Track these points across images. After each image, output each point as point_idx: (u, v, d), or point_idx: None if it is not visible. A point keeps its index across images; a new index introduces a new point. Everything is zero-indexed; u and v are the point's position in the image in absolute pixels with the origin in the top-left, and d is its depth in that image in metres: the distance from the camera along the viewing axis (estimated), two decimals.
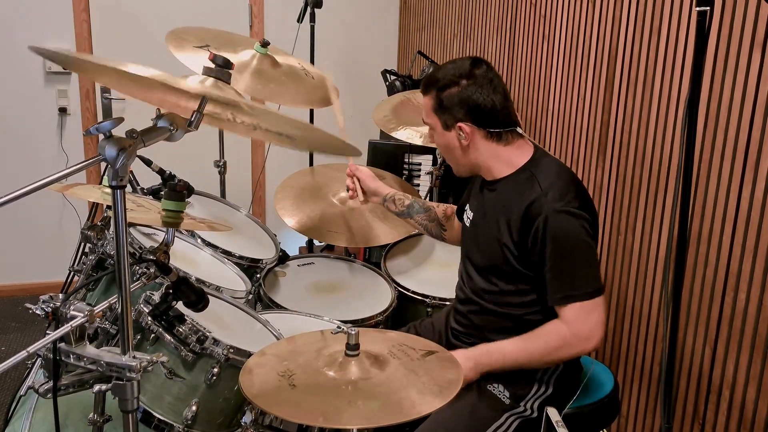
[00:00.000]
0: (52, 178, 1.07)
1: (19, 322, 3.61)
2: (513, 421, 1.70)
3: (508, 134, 1.73)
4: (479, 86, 1.69)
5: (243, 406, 1.70)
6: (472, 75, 1.70)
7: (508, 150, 1.73)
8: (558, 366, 1.74)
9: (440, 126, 1.76)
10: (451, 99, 1.71)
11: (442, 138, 1.78)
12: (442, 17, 3.78)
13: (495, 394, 1.72)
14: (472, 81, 1.69)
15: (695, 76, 1.36)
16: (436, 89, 1.73)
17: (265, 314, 2.10)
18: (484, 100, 1.69)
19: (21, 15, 3.68)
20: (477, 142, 1.72)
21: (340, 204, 2.54)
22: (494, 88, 1.70)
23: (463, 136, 1.72)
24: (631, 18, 2.19)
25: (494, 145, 1.73)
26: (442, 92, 1.72)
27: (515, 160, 1.73)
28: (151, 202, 1.77)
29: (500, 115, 1.71)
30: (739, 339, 1.80)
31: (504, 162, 1.73)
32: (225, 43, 2.51)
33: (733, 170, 1.80)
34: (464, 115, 1.70)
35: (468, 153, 1.75)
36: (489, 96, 1.69)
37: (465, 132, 1.71)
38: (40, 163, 3.82)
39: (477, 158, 1.75)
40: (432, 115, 1.77)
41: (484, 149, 1.73)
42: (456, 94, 1.70)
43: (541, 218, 1.61)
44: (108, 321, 1.45)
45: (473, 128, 1.71)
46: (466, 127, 1.71)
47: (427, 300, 2.35)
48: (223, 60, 1.21)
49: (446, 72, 1.73)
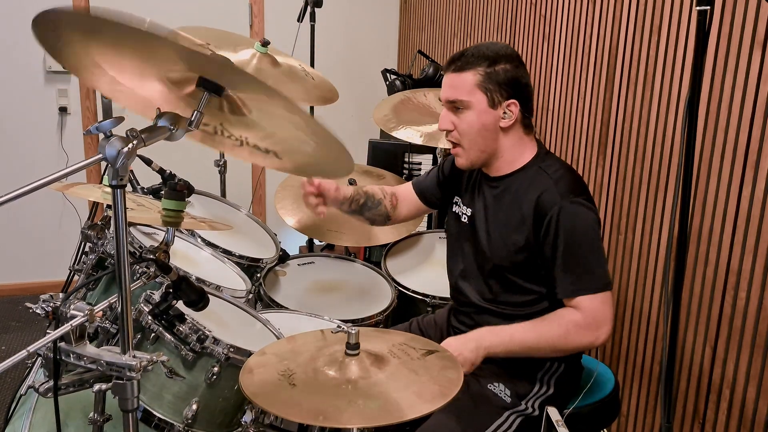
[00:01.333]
0: (53, 177, 1.07)
1: (20, 322, 3.61)
2: (515, 419, 1.69)
3: (532, 123, 1.74)
4: (524, 69, 1.70)
5: (243, 406, 1.70)
6: (519, 57, 1.70)
7: (526, 141, 1.73)
8: (559, 366, 1.74)
9: (486, 102, 1.66)
10: (505, 75, 1.66)
11: (481, 116, 1.67)
12: (442, 17, 3.78)
13: (496, 393, 1.71)
14: (519, 62, 1.69)
15: (695, 76, 1.36)
16: (487, 63, 1.65)
17: (265, 313, 2.11)
18: (529, 83, 1.70)
19: (21, 15, 3.68)
20: (515, 125, 1.70)
21: None
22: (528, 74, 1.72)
23: (509, 115, 1.67)
24: (631, 18, 2.19)
25: (521, 132, 1.72)
26: (495, 66, 1.65)
27: (525, 152, 1.73)
28: (151, 202, 1.77)
29: (532, 103, 1.73)
30: (739, 338, 1.80)
31: (517, 152, 1.72)
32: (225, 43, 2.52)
33: (733, 169, 1.80)
34: (514, 94, 1.67)
35: (501, 137, 1.70)
36: (530, 81, 1.71)
37: (512, 111, 1.67)
38: (40, 162, 3.82)
39: (503, 144, 1.71)
40: (476, 91, 1.66)
41: (514, 135, 1.71)
42: (511, 70, 1.66)
43: (555, 209, 1.60)
44: (108, 320, 1.45)
45: (519, 109, 1.68)
46: (515, 106, 1.67)
47: (427, 299, 2.35)
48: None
49: (496, 49, 1.67)
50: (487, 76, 1.65)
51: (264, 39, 2.51)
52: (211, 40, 2.47)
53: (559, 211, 1.60)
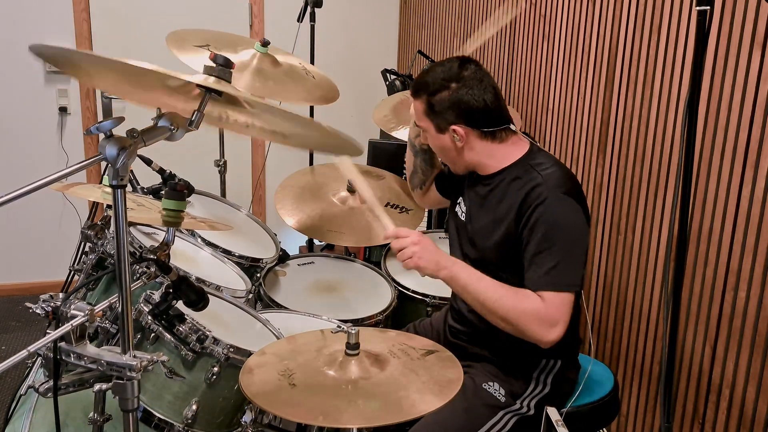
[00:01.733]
0: (53, 177, 1.07)
1: (20, 322, 3.62)
2: (509, 419, 1.69)
3: (502, 132, 1.73)
4: (469, 87, 1.68)
5: (243, 406, 1.70)
6: (461, 77, 1.69)
7: (503, 147, 1.73)
8: (555, 364, 1.74)
9: (433, 129, 1.75)
10: (442, 103, 1.70)
11: (436, 140, 1.77)
12: (442, 16, 3.78)
13: (490, 392, 1.71)
14: (461, 83, 1.68)
15: (695, 76, 1.36)
16: (426, 94, 1.72)
17: (265, 313, 2.11)
18: (476, 101, 1.68)
19: (21, 15, 3.68)
20: (471, 142, 1.72)
21: (340, 203, 2.54)
22: (485, 87, 1.69)
23: (458, 138, 1.71)
24: (631, 17, 2.19)
25: (489, 143, 1.72)
26: (433, 97, 1.71)
27: (511, 155, 1.73)
28: (151, 202, 1.77)
29: (493, 114, 1.71)
30: (739, 338, 1.80)
31: (500, 159, 1.73)
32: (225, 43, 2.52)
33: (733, 169, 1.80)
34: (456, 118, 1.69)
35: (463, 153, 1.75)
36: (480, 96, 1.68)
37: (459, 134, 1.70)
38: (40, 162, 3.82)
39: (472, 158, 1.75)
40: (424, 119, 1.76)
41: (479, 148, 1.73)
42: (447, 98, 1.69)
43: (540, 201, 1.60)
44: (108, 320, 1.45)
45: (467, 129, 1.70)
46: (460, 129, 1.70)
47: (427, 299, 2.35)
48: (224, 59, 1.21)
49: (435, 76, 1.72)
50: (429, 105, 1.72)
51: (264, 39, 2.50)
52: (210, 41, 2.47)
53: (544, 201, 1.60)
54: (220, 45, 2.48)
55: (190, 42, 2.40)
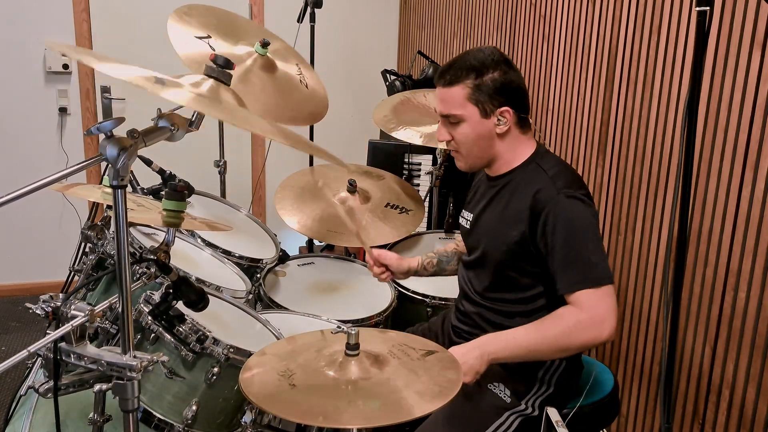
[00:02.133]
0: (52, 178, 1.07)
1: (20, 322, 3.61)
2: (514, 420, 1.69)
3: (527, 121, 1.74)
4: (515, 71, 1.70)
5: (243, 406, 1.70)
6: (507, 61, 1.70)
7: (523, 140, 1.73)
8: (560, 365, 1.74)
9: (478, 114, 1.68)
10: (494, 84, 1.66)
11: (476, 127, 1.69)
12: (442, 17, 3.78)
13: (496, 393, 1.71)
14: (509, 66, 1.69)
15: (695, 76, 1.36)
16: (473, 75, 1.66)
17: (265, 314, 2.11)
18: (520, 83, 1.70)
19: (21, 15, 3.68)
20: (511, 129, 1.70)
21: (340, 204, 2.53)
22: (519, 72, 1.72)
23: (504, 121, 1.68)
24: (631, 17, 2.19)
25: (519, 132, 1.72)
26: (482, 78, 1.66)
27: (523, 152, 1.73)
28: (151, 202, 1.77)
29: (528, 100, 1.73)
30: (739, 338, 1.80)
31: (516, 152, 1.73)
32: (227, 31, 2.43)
33: (733, 169, 1.80)
34: (506, 100, 1.67)
35: (498, 142, 1.71)
36: (522, 80, 1.70)
37: (506, 117, 1.68)
38: (40, 163, 3.82)
39: (502, 147, 1.72)
40: (467, 105, 1.68)
41: (511, 137, 1.71)
42: (499, 78, 1.66)
43: (551, 203, 1.60)
44: (108, 320, 1.45)
45: (512, 113, 1.69)
46: (508, 113, 1.68)
47: (426, 300, 2.35)
48: (224, 60, 1.21)
49: (482, 58, 1.67)
50: (476, 88, 1.66)
51: (264, 39, 2.48)
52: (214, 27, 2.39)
53: (556, 205, 1.60)
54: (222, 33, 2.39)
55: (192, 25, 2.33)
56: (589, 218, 1.62)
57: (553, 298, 1.66)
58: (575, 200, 1.61)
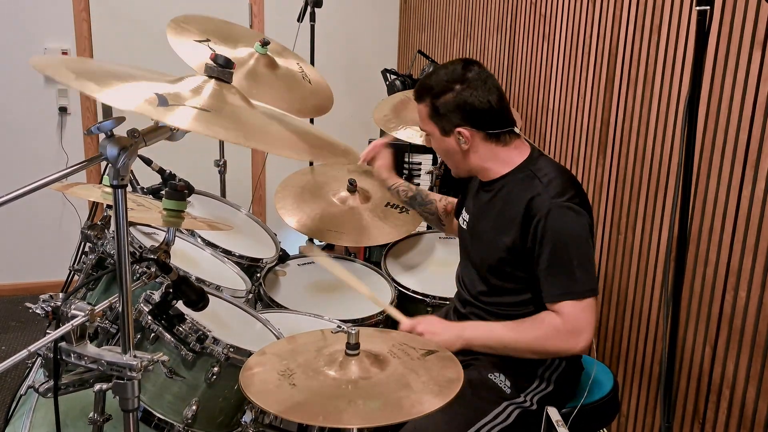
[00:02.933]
0: (53, 177, 1.07)
1: (20, 322, 3.61)
2: (513, 411, 1.70)
3: (506, 135, 1.72)
4: (474, 89, 1.68)
5: (243, 406, 1.70)
6: (465, 78, 1.69)
7: (506, 150, 1.73)
8: (561, 363, 1.74)
9: (438, 132, 1.75)
10: (447, 105, 1.70)
11: (441, 143, 1.77)
12: (442, 17, 3.78)
13: (496, 383, 1.72)
14: (465, 85, 1.68)
15: (695, 76, 1.36)
16: (430, 96, 1.72)
17: (265, 313, 2.11)
18: (480, 102, 1.68)
19: (21, 15, 3.68)
20: (476, 145, 1.72)
21: (340, 204, 2.54)
22: (489, 89, 1.69)
23: (463, 140, 1.71)
24: (631, 17, 2.19)
25: (493, 146, 1.72)
26: (437, 99, 1.71)
27: (513, 159, 1.73)
28: (151, 202, 1.77)
29: (497, 116, 1.70)
30: (739, 338, 1.80)
31: (502, 162, 1.73)
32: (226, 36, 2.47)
33: (733, 169, 1.80)
34: (462, 120, 1.69)
35: (467, 156, 1.74)
36: (484, 97, 1.68)
37: (464, 136, 1.70)
38: (40, 162, 3.82)
39: (476, 161, 1.74)
40: (429, 122, 1.75)
41: (483, 151, 1.73)
42: (452, 99, 1.69)
43: (543, 213, 1.61)
44: (108, 320, 1.45)
45: (472, 131, 1.70)
46: (465, 131, 1.70)
47: (427, 299, 2.35)
48: (225, 59, 1.20)
49: (439, 78, 1.71)
50: (433, 108, 1.72)
51: (264, 39, 2.49)
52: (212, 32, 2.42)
53: (548, 214, 1.60)
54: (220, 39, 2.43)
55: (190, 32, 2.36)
56: (579, 229, 1.62)
57: (541, 306, 1.68)
58: (566, 210, 1.61)
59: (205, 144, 3.26)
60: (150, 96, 1.04)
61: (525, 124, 2.88)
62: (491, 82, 1.70)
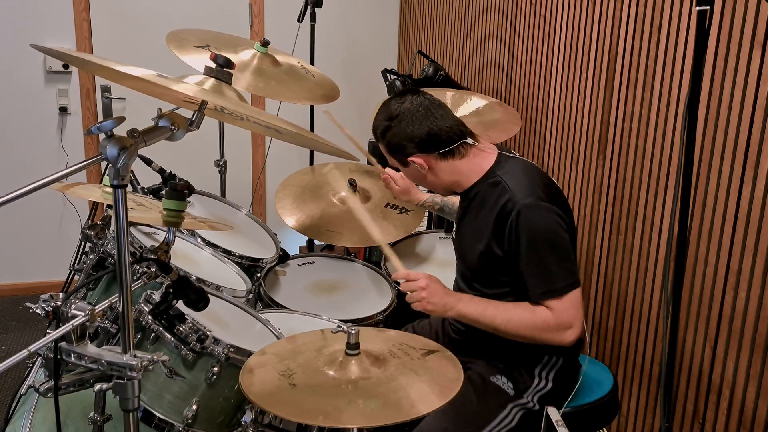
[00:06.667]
0: (53, 177, 1.07)
1: (20, 322, 3.62)
2: (517, 413, 1.73)
3: (460, 147, 1.76)
4: (408, 120, 1.74)
5: (243, 405, 1.70)
6: (398, 113, 1.76)
7: (467, 161, 1.77)
8: (557, 360, 1.76)
9: (400, 165, 1.83)
10: (392, 141, 1.78)
11: (407, 173, 1.87)
12: (442, 17, 3.78)
13: (499, 385, 1.74)
14: (399, 118, 1.75)
15: (695, 76, 1.37)
16: (380, 137, 1.81)
17: (266, 313, 2.11)
18: (419, 130, 1.74)
19: (21, 14, 3.68)
20: (435, 167, 1.77)
21: (340, 204, 2.54)
22: (425, 113, 1.74)
23: (419, 167, 1.77)
24: (631, 18, 2.19)
25: (451, 161, 1.77)
26: (384, 138, 1.79)
27: (480, 167, 1.77)
28: (151, 202, 1.77)
29: (443, 135, 1.75)
30: (739, 338, 1.81)
31: (468, 173, 1.78)
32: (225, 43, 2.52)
33: (733, 170, 1.80)
34: (411, 150, 1.76)
35: (433, 178, 1.80)
36: (422, 124, 1.74)
37: (418, 164, 1.77)
38: (40, 162, 3.82)
39: (444, 179, 1.80)
40: (391, 158, 1.84)
41: (444, 169, 1.78)
42: (394, 135, 1.76)
43: (514, 216, 1.64)
44: (108, 320, 1.45)
45: (424, 157, 1.76)
46: (417, 159, 1.76)
47: None
48: (225, 59, 1.21)
49: (379, 119, 1.80)
50: (386, 146, 1.82)
51: (264, 39, 2.50)
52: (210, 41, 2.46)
53: (518, 216, 1.63)
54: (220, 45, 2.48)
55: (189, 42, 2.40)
56: (550, 224, 1.65)
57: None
58: (534, 208, 1.64)
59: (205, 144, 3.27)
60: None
61: (525, 124, 2.88)
62: (427, 104, 1.76)
